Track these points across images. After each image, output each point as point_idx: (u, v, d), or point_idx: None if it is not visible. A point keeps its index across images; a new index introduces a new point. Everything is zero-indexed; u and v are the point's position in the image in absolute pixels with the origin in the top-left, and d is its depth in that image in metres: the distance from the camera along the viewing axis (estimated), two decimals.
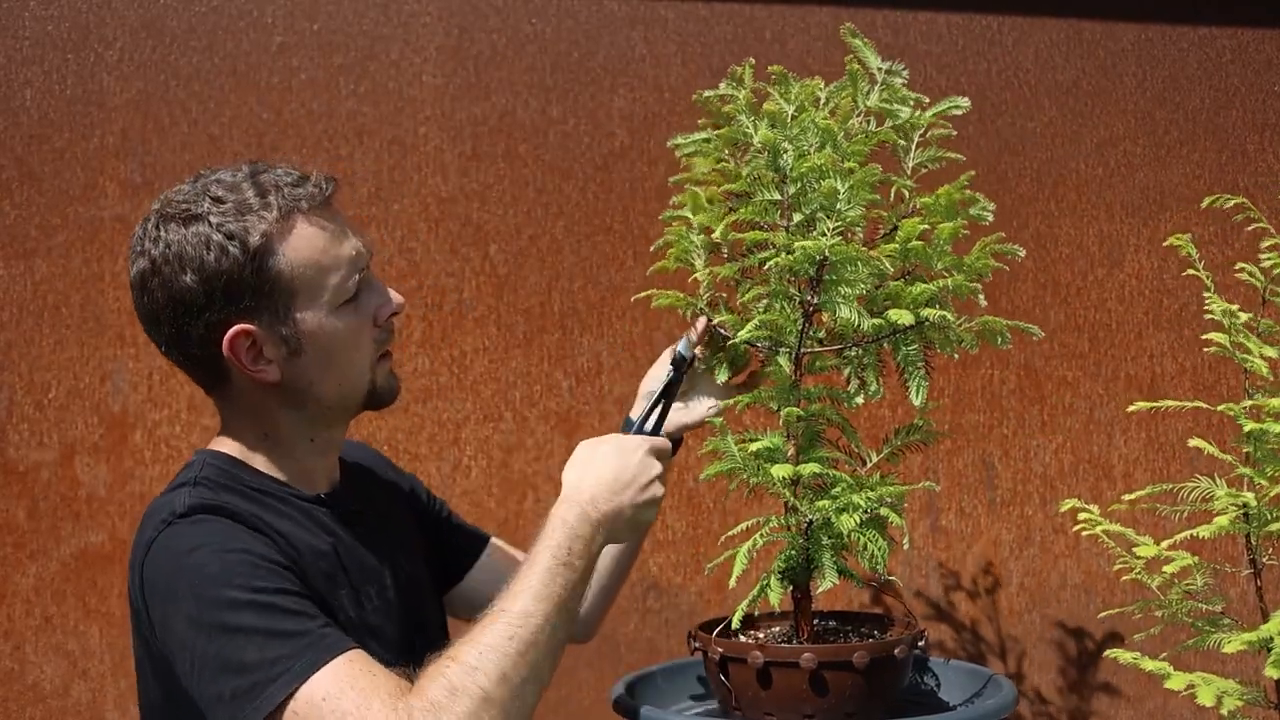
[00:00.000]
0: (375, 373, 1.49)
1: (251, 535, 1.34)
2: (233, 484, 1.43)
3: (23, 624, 2.17)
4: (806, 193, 1.45)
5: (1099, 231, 2.39)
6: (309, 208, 1.41)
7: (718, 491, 2.29)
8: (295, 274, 1.39)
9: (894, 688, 1.50)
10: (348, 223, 1.47)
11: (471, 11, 2.30)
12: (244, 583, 1.27)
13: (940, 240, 1.44)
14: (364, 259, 1.45)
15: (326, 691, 1.23)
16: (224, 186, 1.40)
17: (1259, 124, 2.42)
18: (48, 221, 2.20)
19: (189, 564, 1.29)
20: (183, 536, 1.31)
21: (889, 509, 1.46)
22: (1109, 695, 2.34)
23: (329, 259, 1.41)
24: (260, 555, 1.31)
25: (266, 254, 1.37)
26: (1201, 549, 2.24)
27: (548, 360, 2.29)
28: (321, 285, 1.41)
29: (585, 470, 1.46)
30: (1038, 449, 2.37)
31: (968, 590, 2.35)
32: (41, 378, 2.19)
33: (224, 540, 1.31)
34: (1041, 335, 1.51)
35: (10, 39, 2.20)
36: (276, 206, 1.38)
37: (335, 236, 1.42)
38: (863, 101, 1.52)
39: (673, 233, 1.59)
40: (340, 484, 1.55)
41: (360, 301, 1.45)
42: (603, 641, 2.26)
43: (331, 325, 1.42)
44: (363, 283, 1.45)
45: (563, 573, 1.35)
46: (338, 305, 1.42)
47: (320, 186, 1.43)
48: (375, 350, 1.48)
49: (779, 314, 1.47)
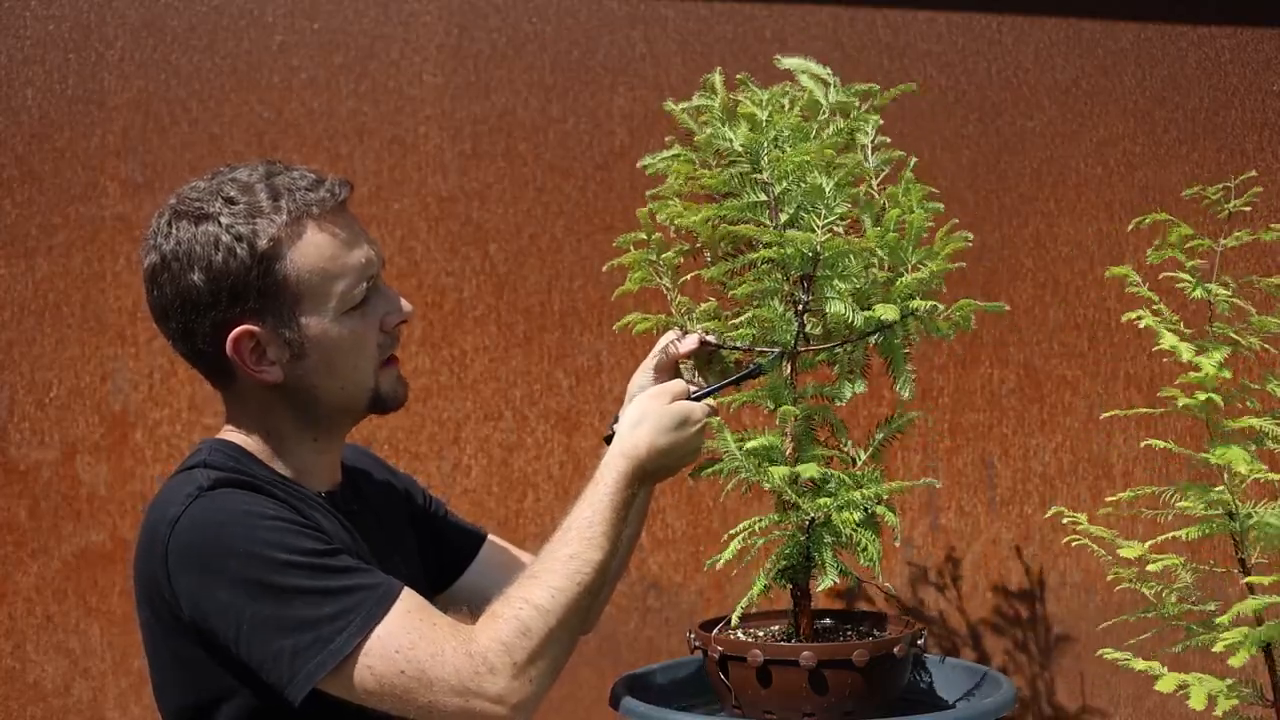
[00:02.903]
0: (379, 379, 1.49)
1: (278, 504, 1.36)
2: (240, 470, 1.43)
3: (24, 623, 2.18)
4: (790, 191, 1.46)
5: (1098, 231, 2.39)
6: (320, 213, 1.41)
7: (717, 491, 2.29)
8: (301, 279, 1.40)
9: (893, 686, 1.50)
10: (361, 229, 1.47)
11: (471, 11, 2.30)
12: (287, 544, 1.31)
13: (912, 231, 1.46)
14: (374, 266, 1.45)
15: (399, 643, 1.29)
16: (238, 187, 1.40)
17: (1258, 123, 2.42)
18: (49, 221, 2.20)
19: (227, 534, 1.31)
20: (212, 509, 1.33)
21: (884, 507, 1.47)
22: (1108, 694, 2.34)
23: (336, 266, 1.41)
24: (291, 520, 1.34)
25: (274, 258, 1.38)
26: (1199, 549, 2.24)
27: (548, 359, 2.29)
28: (328, 291, 1.41)
29: (648, 431, 1.48)
30: (1037, 448, 2.37)
31: (967, 589, 2.35)
32: (43, 377, 2.19)
33: (256, 508, 1.33)
34: (1006, 309, 1.54)
35: (11, 38, 2.20)
36: (287, 210, 1.39)
37: (345, 243, 1.43)
38: (825, 100, 1.55)
39: (631, 257, 1.60)
40: (341, 483, 1.55)
41: (367, 308, 1.45)
42: (603, 640, 2.26)
43: (336, 331, 1.43)
44: (371, 289, 1.45)
45: (618, 523, 1.43)
46: (343, 311, 1.43)
47: (334, 191, 1.43)
48: (380, 356, 1.48)
49: (771, 311, 1.47)
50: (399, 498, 1.71)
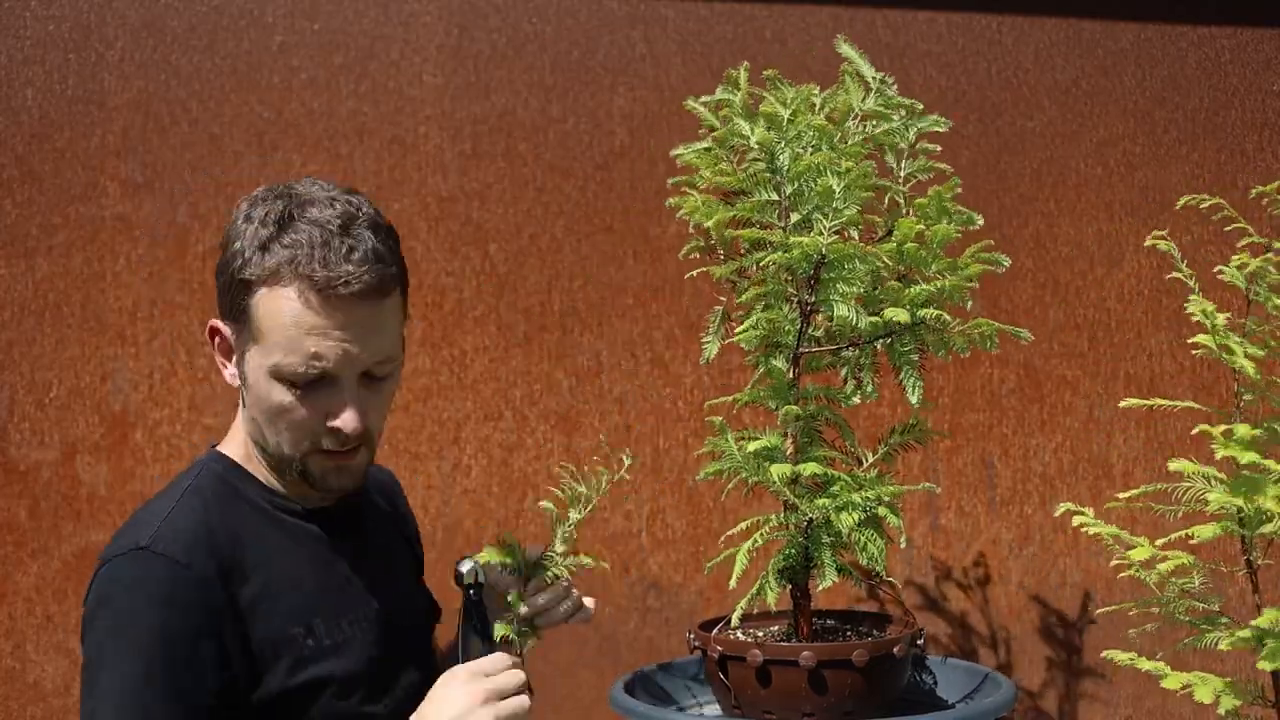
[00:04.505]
0: (307, 461, 1.44)
1: (189, 596, 1.36)
2: (226, 495, 1.45)
3: (24, 623, 2.18)
4: (804, 193, 1.45)
5: (1098, 231, 2.39)
6: (310, 286, 1.36)
7: (717, 491, 2.29)
8: (259, 322, 1.39)
9: (893, 686, 1.50)
10: (362, 327, 1.38)
11: (471, 11, 2.30)
12: (145, 652, 1.33)
13: (934, 242, 1.44)
14: (326, 365, 1.38)
15: None
16: (273, 213, 1.39)
17: (1258, 123, 2.42)
18: (49, 220, 2.20)
19: (113, 609, 1.35)
20: (127, 575, 1.36)
21: (886, 508, 1.47)
22: (1108, 694, 2.34)
23: (285, 336, 1.37)
24: (174, 634, 1.34)
25: (247, 291, 1.39)
26: (1199, 548, 2.24)
27: (548, 359, 2.29)
28: (271, 349, 1.39)
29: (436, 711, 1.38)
30: (1037, 448, 2.37)
31: (967, 589, 2.35)
32: (43, 377, 2.19)
33: (151, 602, 1.34)
34: (1031, 339, 1.51)
35: (12, 38, 2.20)
36: (276, 259, 1.36)
37: (311, 326, 1.36)
38: (859, 105, 1.53)
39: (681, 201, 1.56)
40: (341, 502, 1.53)
41: (309, 392, 1.40)
42: (603, 640, 2.26)
43: (265, 388, 1.40)
44: (325, 381, 1.39)
45: None
46: (277, 378, 1.39)
47: (336, 277, 1.35)
48: (312, 442, 1.43)
49: (777, 313, 1.47)
50: (406, 531, 1.72)
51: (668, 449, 2.30)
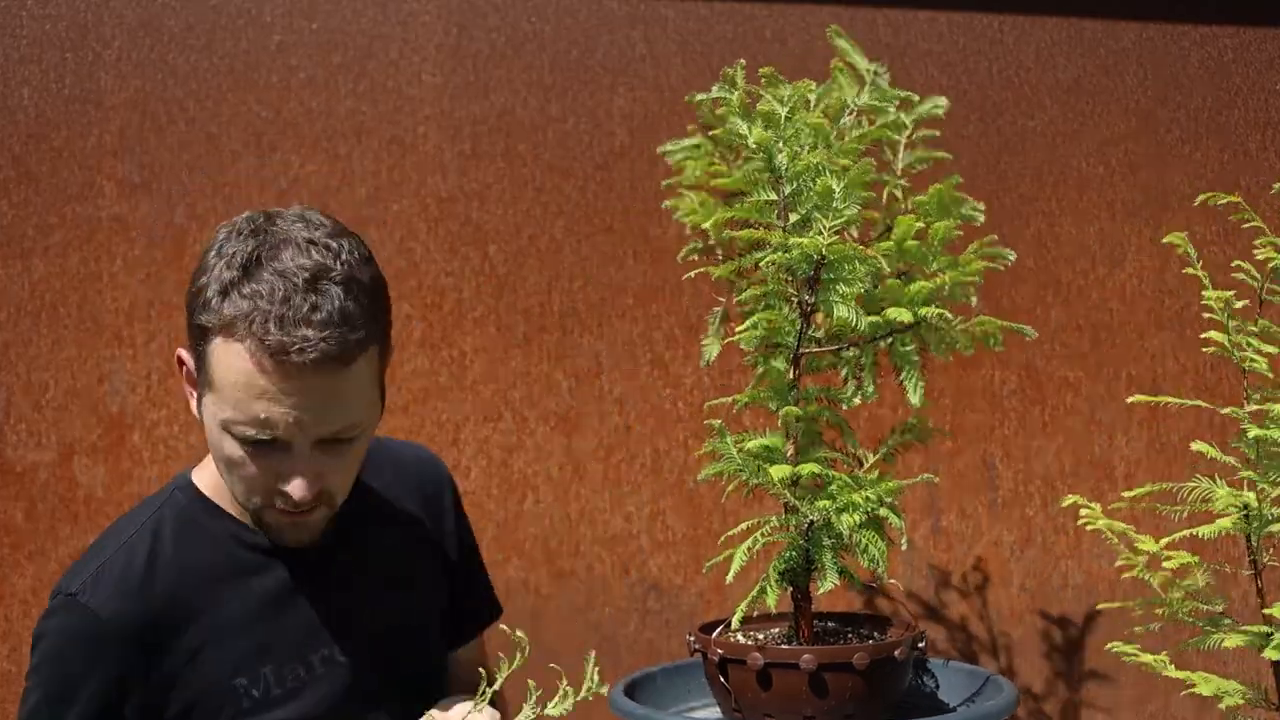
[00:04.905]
0: (261, 514, 1.41)
1: (103, 652, 1.41)
2: (185, 533, 1.45)
3: (20, 625, 2.17)
4: (803, 193, 1.44)
5: (1100, 231, 2.38)
6: (262, 349, 1.26)
7: (717, 492, 2.28)
8: (210, 371, 1.33)
9: (894, 689, 1.49)
10: (317, 395, 1.29)
11: (471, 10, 2.29)
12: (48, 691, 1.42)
13: (935, 239, 1.44)
14: (275, 431, 1.31)
15: None
16: (240, 254, 1.30)
17: (1261, 123, 2.42)
18: (45, 221, 2.20)
19: (39, 650, 1.46)
20: (48, 625, 1.45)
21: (888, 509, 1.46)
22: (1110, 696, 2.33)
23: (234, 397, 1.30)
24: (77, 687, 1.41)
25: (204, 336, 1.32)
26: (1203, 549, 2.23)
27: (547, 360, 2.29)
28: (223, 403, 1.33)
29: None
30: (1039, 449, 2.36)
31: (968, 591, 2.34)
32: (39, 378, 2.18)
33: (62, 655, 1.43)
34: (1035, 335, 1.50)
35: (8, 38, 2.20)
36: (234, 310, 1.28)
37: (259, 389, 1.28)
38: (853, 100, 1.52)
39: None
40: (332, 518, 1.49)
41: (259, 453, 1.34)
42: (603, 642, 2.26)
43: (218, 436, 1.35)
44: (277, 445, 1.33)
45: None
46: (227, 431, 1.34)
47: (298, 348, 1.25)
48: (264, 497, 1.38)
49: (776, 313, 1.46)
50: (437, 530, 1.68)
51: (668, 450, 2.30)
